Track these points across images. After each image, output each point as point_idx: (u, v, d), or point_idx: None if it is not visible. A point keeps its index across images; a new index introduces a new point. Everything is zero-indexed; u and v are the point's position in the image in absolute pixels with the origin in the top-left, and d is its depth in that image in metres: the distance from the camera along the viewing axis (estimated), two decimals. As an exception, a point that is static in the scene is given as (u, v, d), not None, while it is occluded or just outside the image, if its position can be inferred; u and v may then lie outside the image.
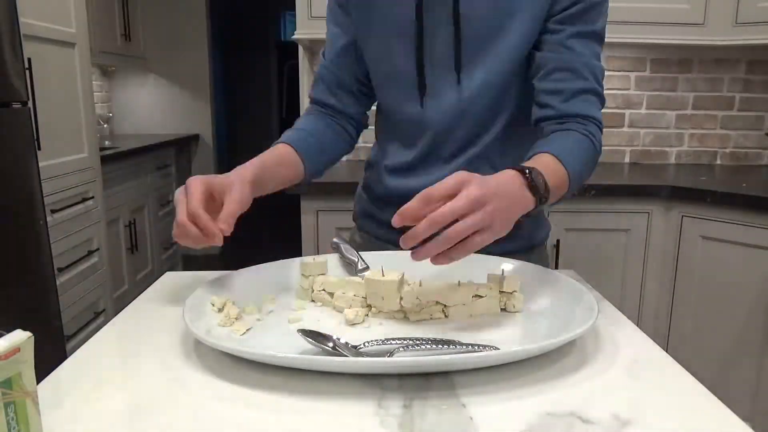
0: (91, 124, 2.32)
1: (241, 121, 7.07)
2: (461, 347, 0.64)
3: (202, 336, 0.64)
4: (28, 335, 0.46)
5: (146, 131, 4.08)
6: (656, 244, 1.92)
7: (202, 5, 4.00)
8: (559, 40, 0.90)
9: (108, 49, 3.22)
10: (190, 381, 0.61)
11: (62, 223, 2.10)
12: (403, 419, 0.54)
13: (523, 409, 0.56)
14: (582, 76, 0.90)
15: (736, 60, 2.34)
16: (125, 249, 2.97)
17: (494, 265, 0.88)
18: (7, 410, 0.45)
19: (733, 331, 1.82)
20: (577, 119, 0.90)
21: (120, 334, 0.75)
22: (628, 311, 1.95)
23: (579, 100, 0.90)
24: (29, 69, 1.82)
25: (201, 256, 4.31)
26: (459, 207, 0.63)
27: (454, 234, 0.63)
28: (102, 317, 2.41)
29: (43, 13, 1.98)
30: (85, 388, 0.60)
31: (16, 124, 1.71)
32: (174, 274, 0.98)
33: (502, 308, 0.78)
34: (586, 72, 0.90)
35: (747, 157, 2.44)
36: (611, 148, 2.43)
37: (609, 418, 0.54)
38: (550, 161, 0.80)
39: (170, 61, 4.03)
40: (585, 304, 0.72)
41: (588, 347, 0.69)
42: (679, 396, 0.59)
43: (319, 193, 1.87)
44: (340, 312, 0.77)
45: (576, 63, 0.89)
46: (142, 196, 3.21)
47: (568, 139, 0.87)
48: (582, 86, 0.90)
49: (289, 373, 0.62)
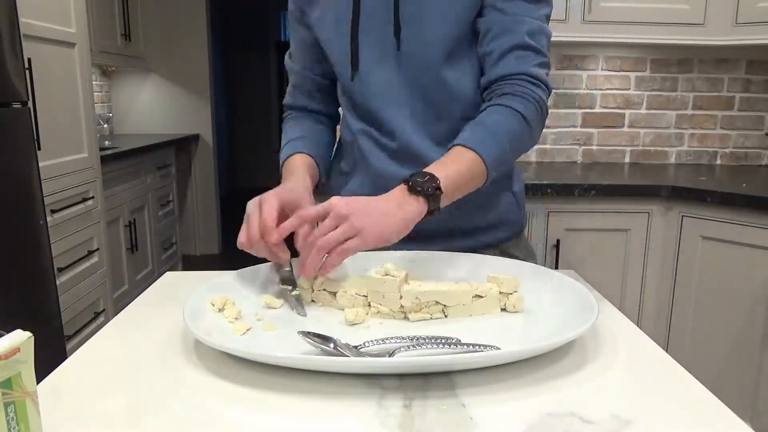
0: (91, 124, 2.32)
1: (241, 121, 7.07)
2: (461, 347, 0.64)
3: (202, 336, 0.64)
4: (28, 335, 0.46)
5: (146, 131, 4.08)
6: (656, 244, 1.92)
7: (202, 5, 4.00)
8: (491, 3, 0.88)
9: (108, 49, 3.22)
10: (190, 381, 0.61)
11: (62, 223, 2.10)
12: (403, 419, 0.54)
13: (523, 409, 0.56)
14: (512, 33, 0.87)
15: (736, 60, 2.34)
16: (125, 249, 2.97)
17: (494, 265, 0.88)
18: (7, 410, 0.45)
19: (733, 331, 1.82)
20: (509, 80, 0.88)
21: (120, 334, 0.75)
22: (628, 311, 1.95)
23: (510, 58, 0.88)
24: (29, 69, 1.82)
25: (201, 256, 4.31)
26: (326, 225, 0.74)
27: (324, 243, 0.73)
28: (102, 317, 2.41)
29: (43, 13, 1.98)
30: (85, 388, 0.60)
31: (16, 124, 1.71)
32: (174, 274, 0.98)
33: (502, 308, 0.78)
34: (516, 29, 0.87)
35: (747, 157, 2.44)
36: (611, 148, 2.43)
37: (609, 418, 0.54)
38: (459, 154, 0.83)
39: (170, 61, 4.03)
40: (585, 304, 0.72)
41: (588, 347, 0.69)
42: (679, 396, 0.59)
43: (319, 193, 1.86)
44: (341, 311, 0.77)
45: (507, 23, 0.87)
46: (142, 196, 3.21)
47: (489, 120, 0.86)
48: (511, 43, 0.87)
49: (289, 373, 0.62)
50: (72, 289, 2.19)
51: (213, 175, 4.28)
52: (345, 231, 0.73)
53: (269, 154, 7.12)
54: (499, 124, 0.86)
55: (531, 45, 0.88)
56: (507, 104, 0.87)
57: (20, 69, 1.71)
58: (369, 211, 0.75)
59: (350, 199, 0.75)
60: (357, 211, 0.74)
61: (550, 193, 1.85)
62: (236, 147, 7.09)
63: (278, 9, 6.84)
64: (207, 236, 4.35)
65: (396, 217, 0.76)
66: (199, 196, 4.27)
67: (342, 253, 0.74)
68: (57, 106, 2.09)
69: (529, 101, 0.87)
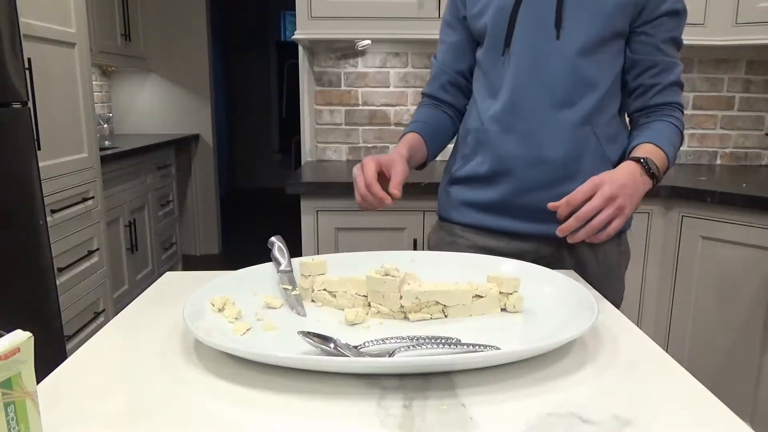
0: (91, 124, 2.32)
1: (241, 121, 7.07)
2: (461, 347, 0.64)
3: (202, 336, 0.64)
4: (28, 335, 0.46)
5: (146, 131, 4.08)
6: (656, 244, 1.92)
7: (202, 5, 4.00)
8: (653, 43, 1.07)
9: (108, 49, 3.22)
10: (190, 381, 0.61)
11: (62, 223, 2.10)
12: (403, 419, 0.54)
13: (523, 409, 0.56)
14: (671, 73, 1.09)
15: (736, 60, 2.34)
16: (125, 249, 2.97)
17: (494, 265, 0.89)
18: (7, 410, 0.45)
19: (732, 330, 1.82)
20: (665, 106, 1.10)
21: (120, 334, 0.75)
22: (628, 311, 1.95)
23: (669, 91, 1.10)
24: (29, 69, 1.82)
25: (201, 256, 4.31)
26: (597, 205, 0.87)
27: (597, 223, 0.87)
28: (102, 317, 2.41)
29: (43, 13, 1.98)
30: (85, 388, 0.60)
31: (16, 124, 1.71)
32: (174, 274, 0.98)
33: (502, 308, 0.79)
34: (674, 70, 1.09)
35: (747, 157, 2.44)
36: (611, 148, 2.43)
37: (609, 418, 0.54)
38: (652, 149, 1.01)
39: (170, 61, 4.03)
40: (585, 304, 0.72)
41: (588, 347, 0.69)
42: (679, 396, 0.59)
43: (319, 193, 1.87)
44: (341, 311, 0.77)
45: (667, 62, 1.09)
46: (142, 196, 3.21)
47: (659, 127, 1.07)
48: (672, 80, 1.09)
49: (289, 373, 0.62)
50: (72, 289, 2.19)
51: (213, 175, 4.28)
52: (610, 214, 0.87)
53: (269, 154, 7.12)
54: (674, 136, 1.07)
55: (681, 83, 1.12)
56: (675, 124, 1.09)
57: (20, 69, 1.71)
58: (629, 192, 0.90)
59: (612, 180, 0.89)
60: (621, 192, 0.88)
61: (550, 193, 1.85)
62: (236, 147, 7.09)
63: (278, 9, 6.85)
64: (207, 236, 4.35)
65: (641, 194, 0.95)
66: (199, 196, 4.27)
67: (608, 234, 0.88)
68: (57, 106, 2.09)
69: (678, 127, 1.09)
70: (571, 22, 1.05)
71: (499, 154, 1.11)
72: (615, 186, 0.88)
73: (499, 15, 1.09)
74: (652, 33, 1.07)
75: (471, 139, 1.16)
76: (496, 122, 1.11)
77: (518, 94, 1.09)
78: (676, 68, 1.10)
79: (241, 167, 7.10)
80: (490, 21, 1.11)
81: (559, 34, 1.05)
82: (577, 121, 1.07)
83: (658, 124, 1.08)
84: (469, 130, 1.18)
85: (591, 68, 1.07)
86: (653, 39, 1.07)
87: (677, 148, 1.08)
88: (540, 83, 1.07)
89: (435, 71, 1.26)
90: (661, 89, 1.09)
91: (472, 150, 1.16)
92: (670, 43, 1.09)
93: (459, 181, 1.18)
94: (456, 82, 1.23)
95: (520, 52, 1.08)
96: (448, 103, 1.25)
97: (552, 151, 1.07)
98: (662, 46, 1.08)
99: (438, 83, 1.25)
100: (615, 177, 0.90)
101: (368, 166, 0.98)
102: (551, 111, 1.07)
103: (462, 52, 1.21)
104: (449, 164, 1.25)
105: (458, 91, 1.25)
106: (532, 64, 1.07)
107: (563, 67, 1.06)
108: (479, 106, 1.16)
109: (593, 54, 1.06)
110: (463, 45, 1.20)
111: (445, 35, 1.23)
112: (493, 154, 1.12)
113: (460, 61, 1.22)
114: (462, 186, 1.18)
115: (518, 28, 1.08)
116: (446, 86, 1.24)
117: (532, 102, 1.08)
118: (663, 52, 1.08)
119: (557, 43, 1.06)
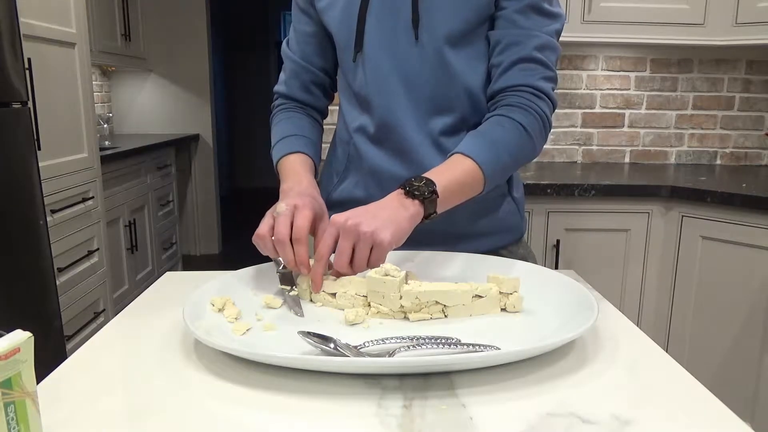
0: (91, 124, 2.32)
1: (241, 121, 7.07)
2: (461, 347, 0.64)
3: (202, 336, 0.64)
4: (28, 335, 0.46)
5: (146, 131, 4.08)
6: (656, 244, 1.92)
7: (202, 5, 4.00)
8: (505, 15, 0.89)
9: (108, 49, 3.22)
10: (190, 381, 0.61)
11: (62, 223, 2.10)
12: (402, 419, 0.54)
13: (523, 409, 0.56)
14: (521, 46, 0.88)
15: (736, 60, 2.34)
16: (125, 249, 2.97)
17: (494, 265, 0.88)
18: (7, 410, 0.45)
19: (733, 330, 1.82)
20: (513, 92, 0.89)
21: (120, 334, 0.75)
22: (628, 311, 1.95)
23: (516, 70, 0.89)
24: (29, 69, 1.82)
25: (201, 256, 4.31)
26: (342, 247, 0.75)
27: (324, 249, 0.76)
28: (102, 317, 2.41)
29: (43, 13, 1.98)
30: (85, 388, 0.60)
31: (16, 124, 1.71)
32: (174, 274, 0.98)
33: (502, 308, 0.78)
34: (526, 42, 0.88)
35: (747, 157, 2.44)
36: (611, 148, 2.43)
37: (609, 418, 0.54)
38: (458, 162, 0.84)
39: (170, 61, 4.03)
40: (585, 304, 0.72)
41: (588, 347, 0.69)
42: (679, 396, 0.59)
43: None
44: (341, 311, 0.77)
45: (517, 36, 0.88)
46: (142, 196, 3.21)
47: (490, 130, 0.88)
48: (518, 56, 0.88)
49: (289, 373, 0.62)
50: (72, 289, 2.19)
51: (213, 175, 4.28)
52: (362, 246, 0.74)
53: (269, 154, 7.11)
54: (500, 134, 0.87)
55: (538, 58, 0.89)
56: (509, 115, 0.88)
57: (20, 69, 1.71)
58: (375, 215, 0.76)
59: (349, 212, 0.77)
60: (363, 219, 0.75)
61: (550, 193, 1.85)
62: (236, 147, 7.09)
63: (278, 9, 6.85)
64: (207, 236, 4.35)
65: (401, 215, 0.77)
66: (199, 196, 4.27)
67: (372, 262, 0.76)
68: (57, 106, 2.09)
69: (531, 113, 0.88)
70: (431, 15, 0.89)
71: (373, 172, 0.98)
72: (345, 215, 0.76)
73: (346, 12, 0.93)
74: (506, 5, 0.89)
75: (341, 152, 1.03)
76: (364, 135, 0.98)
77: (382, 104, 0.94)
78: (531, 40, 0.88)
79: (241, 167, 7.10)
80: (338, 17, 0.94)
81: (418, 30, 0.90)
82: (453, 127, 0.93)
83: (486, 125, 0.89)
84: (338, 141, 1.05)
85: (460, 64, 0.91)
86: (506, 11, 0.89)
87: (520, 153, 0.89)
88: (406, 90, 0.92)
89: (292, 66, 1.04)
90: (503, 70, 0.89)
91: (345, 167, 1.03)
92: (528, 11, 0.88)
93: (337, 205, 1.02)
94: (320, 81, 1.05)
95: (375, 56, 0.92)
96: (313, 107, 1.07)
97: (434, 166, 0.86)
98: (515, 16, 0.88)
99: (299, 82, 1.05)
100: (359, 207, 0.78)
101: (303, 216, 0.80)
102: (423, 120, 0.93)
103: (323, 46, 1.02)
104: (324, 178, 1.09)
105: (322, 92, 1.07)
106: (391, 68, 0.92)
107: (427, 68, 0.91)
108: (345, 116, 1.02)
109: (462, 47, 0.90)
110: (323, 38, 1.01)
111: (298, 22, 1.02)
112: (365, 172, 0.99)
113: (323, 57, 1.03)
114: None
115: (369, 27, 0.92)
116: (309, 86, 1.05)
117: (401, 113, 0.93)
118: (514, 23, 0.88)
119: (417, 40, 0.90)
